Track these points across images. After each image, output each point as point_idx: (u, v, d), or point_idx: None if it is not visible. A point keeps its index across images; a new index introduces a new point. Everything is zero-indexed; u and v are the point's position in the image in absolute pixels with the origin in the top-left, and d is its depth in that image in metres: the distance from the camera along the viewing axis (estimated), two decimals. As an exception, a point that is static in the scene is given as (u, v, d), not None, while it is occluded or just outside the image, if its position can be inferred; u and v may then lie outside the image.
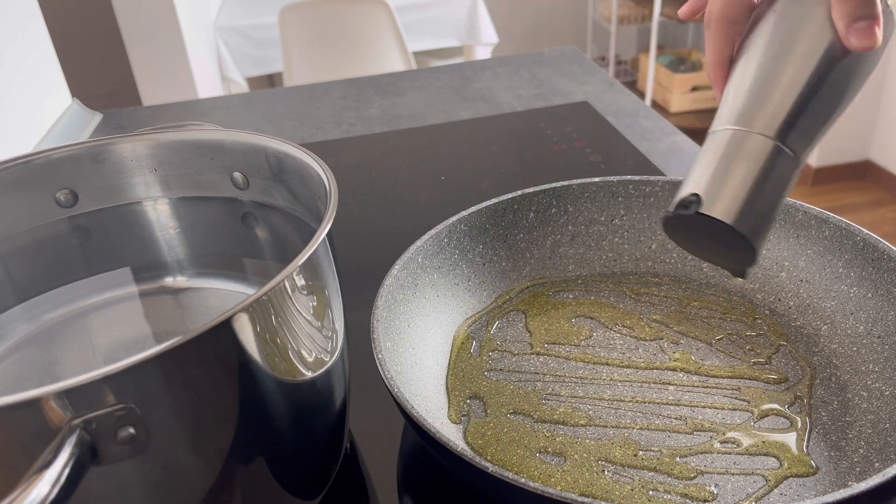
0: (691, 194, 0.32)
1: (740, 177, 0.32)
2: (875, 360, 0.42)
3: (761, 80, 0.33)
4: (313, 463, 0.38)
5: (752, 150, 0.32)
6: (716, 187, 0.32)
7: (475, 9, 2.15)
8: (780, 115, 0.32)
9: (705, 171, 0.32)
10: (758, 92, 0.33)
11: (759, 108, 0.33)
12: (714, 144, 0.33)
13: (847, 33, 0.32)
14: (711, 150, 0.33)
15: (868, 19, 0.31)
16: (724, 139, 0.33)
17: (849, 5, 0.32)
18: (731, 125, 0.33)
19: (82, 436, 0.24)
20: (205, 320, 0.26)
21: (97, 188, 0.43)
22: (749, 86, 0.33)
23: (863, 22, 0.31)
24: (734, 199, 0.31)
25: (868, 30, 0.31)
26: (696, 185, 0.32)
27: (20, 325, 0.42)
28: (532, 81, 0.99)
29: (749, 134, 0.32)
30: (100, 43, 2.57)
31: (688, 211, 0.32)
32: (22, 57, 0.86)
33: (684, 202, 0.32)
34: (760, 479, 0.37)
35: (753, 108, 0.33)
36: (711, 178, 0.32)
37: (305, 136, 0.88)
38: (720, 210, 0.31)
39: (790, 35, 0.33)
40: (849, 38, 0.32)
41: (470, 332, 0.48)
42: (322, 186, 0.37)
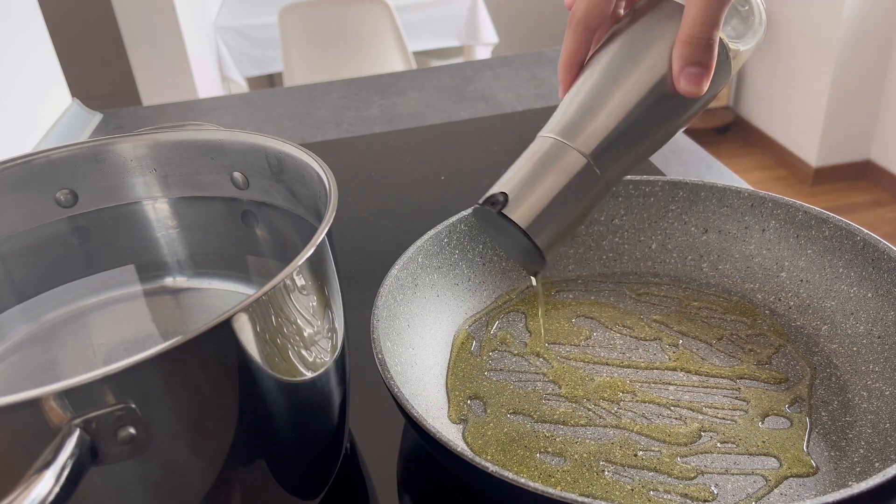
0: (500, 192, 0.34)
1: (547, 186, 0.33)
2: (875, 360, 0.42)
3: (593, 96, 0.34)
4: (313, 463, 0.38)
5: (566, 163, 0.34)
6: (523, 191, 0.33)
7: (475, 9, 2.16)
8: (599, 137, 0.34)
9: (519, 173, 0.34)
10: (586, 108, 0.34)
11: (583, 124, 0.34)
12: (536, 149, 0.35)
13: (678, 75, 0.33)
14: (531, 154, 0.35)
15: (700, 67, 0.33)
16: (545, 146, 0.34)
17: (687, 48, 0.33)
18: (555, 134, 0.34)
19: (82, 436, 0.24)
20: (205, 320, 0.26)
21: (97, 188, 0.43)
22: (581, 100, 0.35)
23: (695, 68, 0.33)
24: (535, 206, 0.33)
25: (697, 77, 0.33)
26: (506, 185, 0.34)
27: (20, 325, 0.42)
28: (532, 81, 0.99)
29: (567, 147, 0.34)
30: (100, 43, 2.57)
31: (493, 209, 0.33)
32: (22, 57, 0.86)
33: (493, 199, 0.34)
34: (760, 479, 0.37)
35: (578, 124, 0.34)
36: (522, 181, 0.34)
37: (305, 136, 0.88)
38: (519, 214, 0.33)
39: (630, 60, 0.34)
40: (678, 80, 0.33)
41: (470, 332, 0.48)
42: (322, 186, 0.37)
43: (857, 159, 2.45)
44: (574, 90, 0.35)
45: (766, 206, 0.49)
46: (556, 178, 0.33)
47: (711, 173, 0.71)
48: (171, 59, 1.83)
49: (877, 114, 2.37)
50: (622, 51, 0.35)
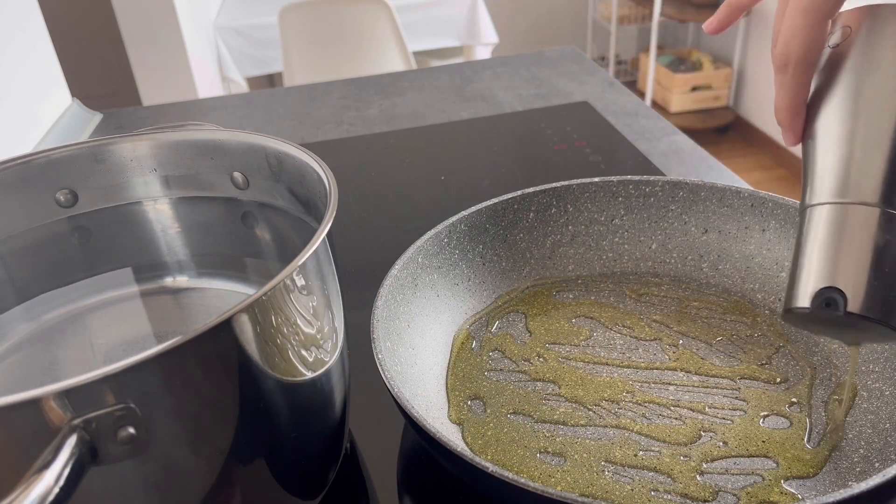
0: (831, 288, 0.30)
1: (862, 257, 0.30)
2: (875, 360, 0.42)
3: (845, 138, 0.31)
4: (313, 463, 0.38)
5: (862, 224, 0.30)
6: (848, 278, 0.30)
7: (475, 9, 2.15)
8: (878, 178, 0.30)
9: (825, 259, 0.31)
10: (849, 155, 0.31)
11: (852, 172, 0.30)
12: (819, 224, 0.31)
13: None
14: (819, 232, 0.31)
15: None
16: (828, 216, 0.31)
17: None
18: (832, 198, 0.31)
19: (82, 436, 0.24)
20: (205, 320, 0.26)
21: (97, 188, 0.43)
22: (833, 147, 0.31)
23: None
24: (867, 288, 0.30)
25: None
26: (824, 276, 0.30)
27: (20, 325, 0.42)
28: (532, 81, 0.99)
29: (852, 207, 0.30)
30: (100, 43, 2.57)
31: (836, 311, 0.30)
32: (22, 57, 0.86)
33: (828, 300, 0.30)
34: (760, 480, 0.37)
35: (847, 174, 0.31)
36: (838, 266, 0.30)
37: (305, 136, 0.88)
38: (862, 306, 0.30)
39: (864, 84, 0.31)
40: None
41: (470, 332, 0.48)
42: (322, 186, 0.37)
43: (857, 159, 2.44)
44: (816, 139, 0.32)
45: (766, 206, 0.49)
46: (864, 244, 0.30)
47: (711, 173, 0.71)
48: (171, 59, 1.83)
49: (877, 114, 2.37)
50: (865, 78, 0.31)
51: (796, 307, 0.31)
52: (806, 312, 0.31)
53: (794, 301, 0.31)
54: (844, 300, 0.30)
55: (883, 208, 0.30)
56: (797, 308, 0.31)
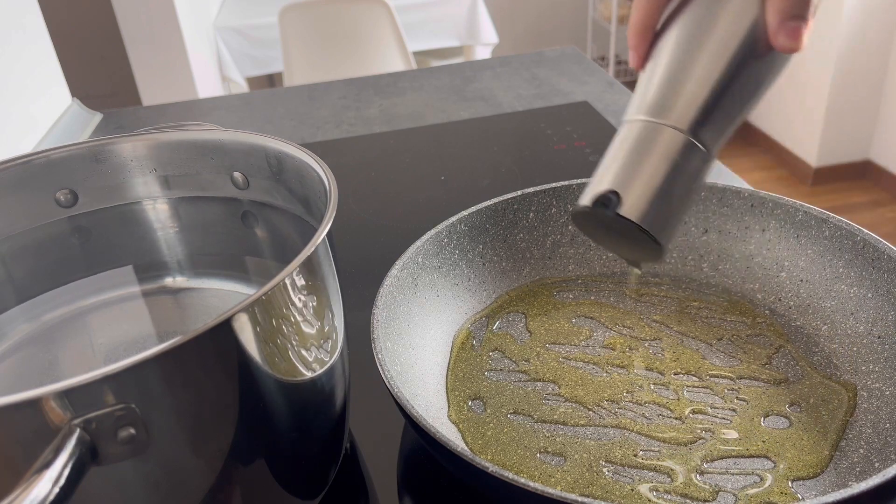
0: (610, 191, 0.31)
1: (652, 174, 0.31)
2: (875, 360, 0.42)
3: (678, 67, 0.32)
4: (313, 463, 0.38)
5: (665, 144, 0.31)
6: (629, 185, 0.31)
7: (475, 9, 2.15)
8: (693, 109, 0.31)
9: (617, 165, 0.32)
10: (673, 81, 0.32)
11: (672, 99, 0.31)
12: (627, 135, 0.32)
13: (777, 30, 0.31)
14: (624, 142, 0.32)
15: (800, 20, 0.31)
16: (638, 130, 0.32)
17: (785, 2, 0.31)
18: (646, 116, 0.32)
19: (82, 436, 0.24)
20: (205, 320, 0.27)
21: (97, 188, 0.43)
22: (665, 72, 0.32)
23: (794, 22, 0.31)
24: (647, 199, 0.31)
25: (796, 31, 0.31)
26: (610, 180, 0.32)
27: (20, 325, 0.42)
28: (532, 81, 0.99)
29: (662, 127, 0.31)
30: (100, 43, 2.57)
31: (607, 210, 0.31)
32: (22, 57, 0.86)
33: (604, 199, 0.31)
34: (760, 480, 0.37)
35: (667, 99, 0.32)
36: (624, 174, 0.32)
37: (305, 136, 0.88)
38: (634, 211, 0.31)
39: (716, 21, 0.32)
40: (777, 36, 0.31)
41: (470, 332, 0.48)
42: (322, 186, 0.37)
43: (857, 159, 2.45)
44: (654, 62, 0.33)
45: (766, 206, 0.49)
46: (659, 163, 0.31)
47: (711, 173, 0.71)
48: (171, 59, 1.83)
49: (877, 114, 2.37)
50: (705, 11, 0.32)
51: (577, 205, 0.33)
52: (584, 211, 0.32)
53: (579, 201, 0.33)
54: (618, 203, 0.31)
55: (688, 136, 0.31)
56: (578, 207, 0.32)
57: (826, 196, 2.40)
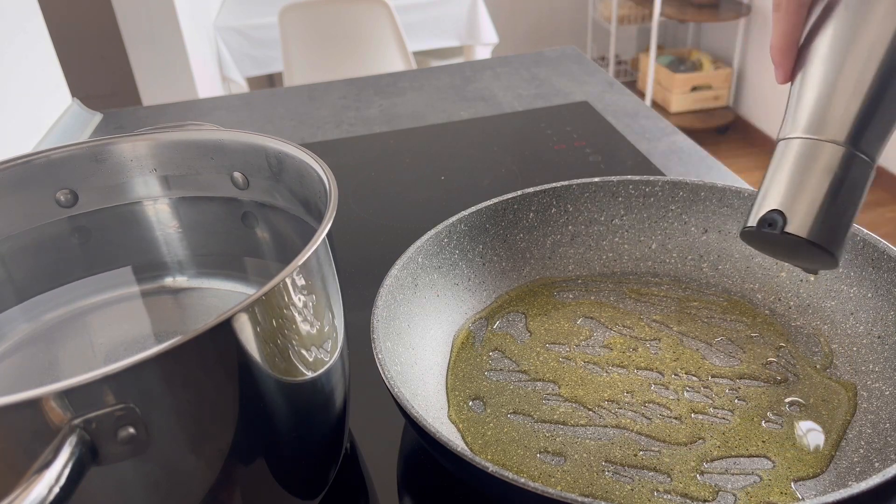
0: (773, 211, 0.32)
1: (815, 189, 0.32)
2: (875, 360, 0.42)
3: (828, 80, 0.32)
4: (313, 463, 0.38)
5: (826, 160, 0.32)
6: (794, 203, 0.32)
7: (475, 9, 2.15)
8: (850, 120, 0.31)
9: (782, 185, 0.33)
10: (825, 94, 0.32)
11: (827, 113, 0.32)
12: (787, 154, 0.33)
13: None
14: (784, 162, 0.33)
15: None
16: (796, 149, 0.33)
17: None
18: (802, 133, 0.32)
19: (82, 436, 0.24)
20: (205, 320, 0.26)
21: (97, 188, 0.43)
22: (816, 86, 0.33)
23: None
24: (812, 214, 0.32)
25: None
26: (774, 200, 0.33)
27: (20, 325, 0.42)
28: (532, 81, 0.99)
29: (820, 143, 0.32)
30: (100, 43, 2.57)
31: (773, 230, 0.32)
32: (22, 57, 0.86)
33: (768, 220, 0.32)
34: (760, 479, 0.37)
35: (822, 114, 0.32)
36: (788, 192, 0.32)
37: (305, 136, 0.88)
38: (802, 227, 0.32)
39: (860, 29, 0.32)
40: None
41: (470, 332, 0.48)
42: (322, 186, 0.37)
43: (857, 159, 2.44)
44: (802, 76, 0.33)
45: (766, 206, 0.49)
46: (822, 177, 0.32)
47: (711, 173, 0.71)
48: (171, 59, 1.83)
49: (877, 114, 2.37)
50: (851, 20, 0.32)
51: (745, 226, 0.34)
52: (751, 231, 0.33)
53: (746, 222, 0.34)
54: (784, 222, 0.32)
55: (848, 147, 0.31)
56: (745, 227, 0.34)
57: (826, 196, 2.40)
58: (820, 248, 0.32)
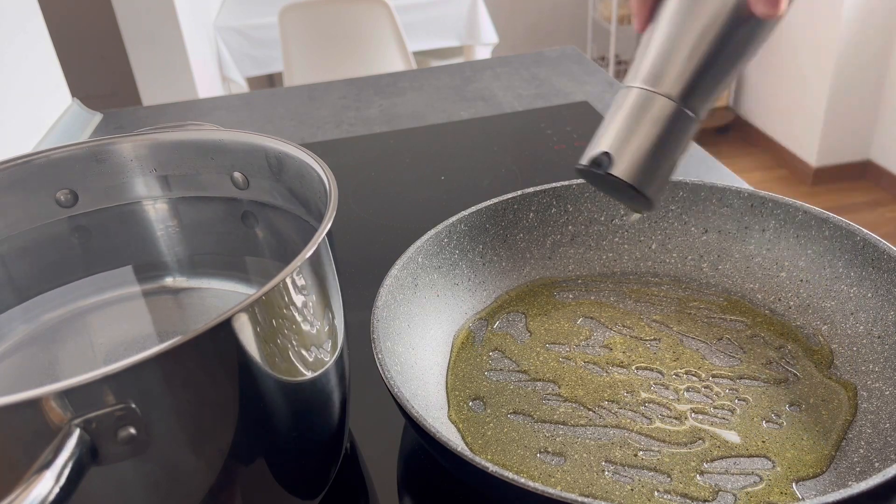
0: (602, 153, 0.35)
1: (644, 137, 0.34)
2: (875, 360, 0.42)
3: (670, 38, 0.35)
4: (313, 463, 0.38)
5: (657, 111, 0.34)
6: (623, 147, 0.35)
7: (475, 9, 2.15)
8: (683, 79, 0.34)
9: (614, 129, 0.35)
10: (665, 51, 0.34)
11: (665, 69, 0.34)
12: (624, 100, 0.35)
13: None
14: (621, 106, 0.35)
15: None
16: (633, 97, 0.35)
17: None
18: (641, 84, 0.35)
19: (82, 436, 0.24)
20: (205, 320, 0.26)
21: (97, 188, 0.43)
22: (658, 42, 0.35)
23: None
24: (638, 159, 0.34)
25: None
26: (605, 143, 0.35)
27: (20, 325, 0.42)
28: (532, 81, 0.99)
29: (655, 95, 0.34)
30: (100, 43, 2.57)
31: (599, 170, 0.35)
32: (22, 57, 0.86)
33: (596, 160, 0.35)
34: (760, 480, 0.37)
35: (660, 69, 0.34)
36: (619, 137, 0.35)
37: (305, 136, 0.88)
38: (625, 171, 0.35)
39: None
40: (756, 3, 0.32)
41: (470, 332, 0.48)
42: (322, 186, 0.37)
43: (857, 159, 2.45)
44: (650, 30, 0.36)
45: (766, 206, 0.49)
46: (650, 127, 0.34)
47: (711, 173, 0.71)
48: (171, 59, 1.83)
49: (877, 114, 2.37)
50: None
51: (578, 164, 0.36)
52: (582, 170, 0.36)
53: (580, 160, 0.36)
54: (610, 163, 0.35)
55: (679, 105, 0.34)
56: (578, 165, 0.36)
57: (826, 196, 2.40)
58: (637, 191, 0.35)
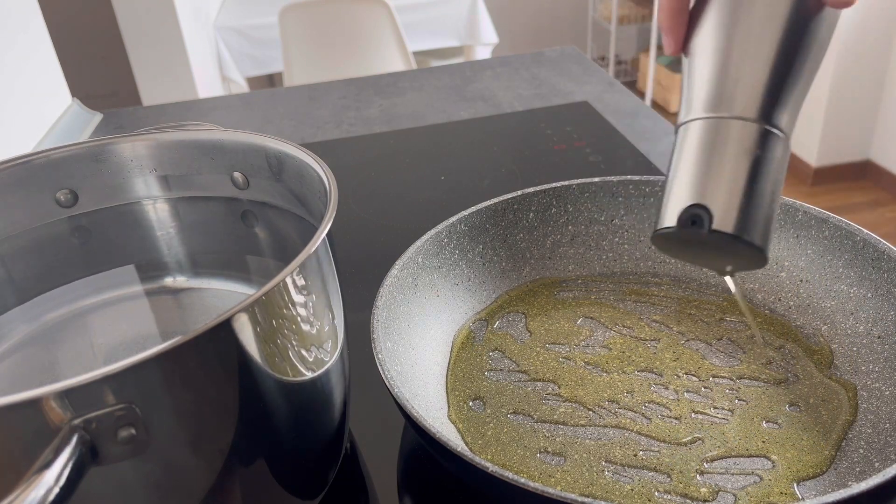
0: (697, 206, 0.28)
1: (734, 175, 0.28)
2: (875, 360, 0.42)
3: (727, 47, 0.28)
4: (313, 463, 0.38)
5: (738, 139, 0.27)
6: (716, 194, 0.28)
7: (475, 9, 2.15)
8: (759, 92, 0.27)
9: (693, 176, 0.28)
10: (726, 64, 0.28)
11: (732, 85, 0.28)
12: (690, 141, 0.29)
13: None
14: (691, 149, 0.29)
15: None
16: (701, 132, 0.28)
17: None
18: (704, 113, 0.28)
19: (82, 436, 0.24)
20: (205, 320, 0.26)
21: (97, 188, 0.43)
22: (714, 57, 0.28)
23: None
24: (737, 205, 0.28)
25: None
26: (694, 193, 0.28)
27: (20, 325, 0.41)
28: (532, 81, 0.99)
29: (728, 121, 0.28)
30: (100, 43, 2.57)
31: (700, 228, 0.28)
32: (22, 57, 0.86)
33: (693, 217, 0.28)
34: (760, 480, 0.37)
35: (726, 87, 0.28)
36: (704, 183, 0.28)
37: (305, 136, 0.88)
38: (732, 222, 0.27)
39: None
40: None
41: (470, 332, 0.48)
42: (322, 186, 0.37)
43: (857, 159, 2.45)
44: (696, 47, 0.29)
45: (766, 206, 0.49)
46: (738, 162, 0.27)
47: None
48: (171, 59, 1.83)
49: (877, 114, 2.37)
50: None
51: (662, 227, 0.29)
52: (672, 233, 0.29)
53: (661, 222, 0.29)
54: (710, 218, 0.28)
55: (761, 124, 0.27)
56: (663, 229, 0.29)
57: (826, 196, 2.40)
58: (748, 245, 0.28)
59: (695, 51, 0.29)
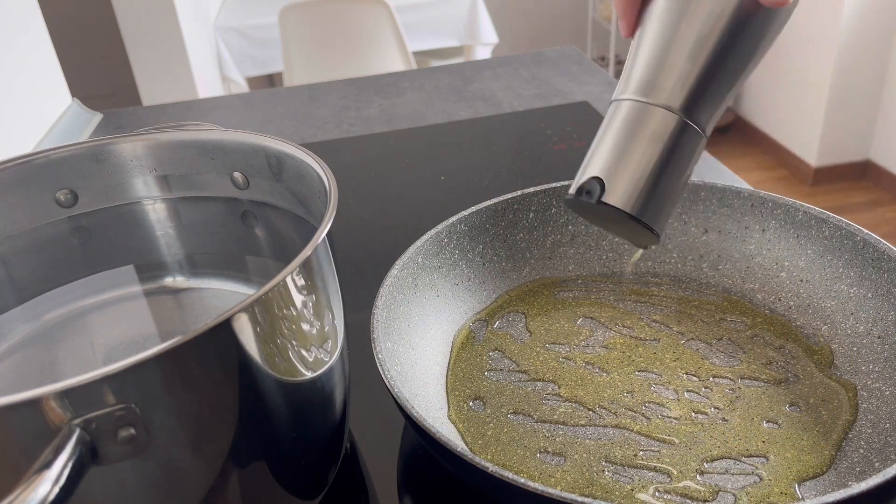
0: (593, 179, 0.30)
1: (642, 158, 0.29)
2: (875, 360, 0.42)
3: (666, 38, 0.29)
4: (313, 463, 0.38)
5: (655, 126, 0.29)
6: (617, 171, 0.30)
7: (475, 9, 2.16)
8: (686, 87, 0.29)
9: (606, 150, 0.30)
10: (661, 54, 0.29)
11: (663, 75, 0.29)
12: (615, 116, 0.30)
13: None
14: (612, 123, 0.30)
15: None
16: (626, 112, 0.30)
17: None
18: (634, 95, 0.30)
19: (82, 436, 0.24)
20: (205, 320, 0.26)
21: (97, 188, 0.43)
22: (653, 44, 0.30)
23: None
24: (636, 185, 0.29)
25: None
26: (597, 167, 0.30)
27: (20, 325, 0.42)
28: (532, 81, 0.99)
29: (652, 108, 0.29)
30: (100, 43, 2.57)
31: (590, 199, 0.30)
32: (22, 57, 0.86)
33: (587, 188, 0.30)
34: (760, 480, 0.37)
35: (657, 76, 0.29)
36: (612, 159, 0.30)
37: (305, 136, 0.88)
38: (620, 198, 0.29)
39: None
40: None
41: (470, 332, 0.48)
42: (322, 186, 0.37)
43: (857, 159, 2.45)
44: (641, 32, 0.30)
45: (766, 206, 0.49)
46: (649, 146, 0.29)
47: (711, 173, 0.71)
48: (171, 59, 1.83)
49: (877, 114, 2.37)
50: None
51: (566, 196, 0.32)
52: (571, 200, 0.31)
53: (569, 190, 0.31)
54: (602, 190, 0.29)
55: (681, 117, 0.29)
56: (566, 197, 0.32)
57: (826, 196, 2.40)
58: (637, 222, 0.29)
59: (641, 34, 0.31)
